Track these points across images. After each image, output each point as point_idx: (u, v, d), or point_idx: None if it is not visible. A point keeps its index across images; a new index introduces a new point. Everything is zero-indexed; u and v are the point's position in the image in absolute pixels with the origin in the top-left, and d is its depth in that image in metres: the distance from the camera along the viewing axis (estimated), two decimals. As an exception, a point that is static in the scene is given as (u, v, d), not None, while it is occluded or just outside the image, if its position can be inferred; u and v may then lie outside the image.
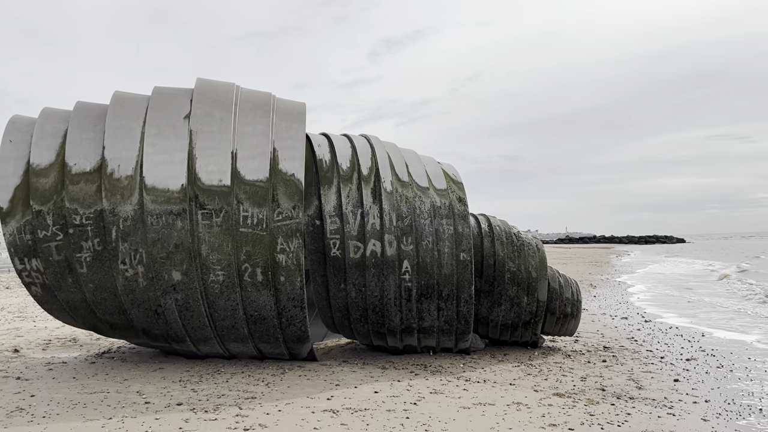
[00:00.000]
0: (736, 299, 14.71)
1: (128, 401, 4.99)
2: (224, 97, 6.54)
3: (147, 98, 6.48)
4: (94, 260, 6.00)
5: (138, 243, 5.93)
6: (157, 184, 5.98)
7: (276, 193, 6.12)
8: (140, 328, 6.31)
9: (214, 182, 6.05)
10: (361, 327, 6.77)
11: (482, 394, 5.34)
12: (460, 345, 6.94)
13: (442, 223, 6.70)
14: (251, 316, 6.19)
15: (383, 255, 6.47)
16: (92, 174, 6.06)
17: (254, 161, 6.21)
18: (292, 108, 6.79)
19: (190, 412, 4.68)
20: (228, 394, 5.20)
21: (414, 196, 6.74)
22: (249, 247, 6.01)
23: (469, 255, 6.65)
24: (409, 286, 6.52)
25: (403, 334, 6.76)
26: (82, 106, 6.50)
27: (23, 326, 9.54)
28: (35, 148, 6.19)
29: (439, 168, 7.21)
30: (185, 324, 6.19)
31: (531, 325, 7.26)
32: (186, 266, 5.96)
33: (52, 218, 6.00)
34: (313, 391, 5.36)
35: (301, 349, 6.58)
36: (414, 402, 5.04)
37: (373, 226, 6.51)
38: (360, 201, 6.58)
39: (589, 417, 4.71)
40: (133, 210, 5.94)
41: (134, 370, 6.19)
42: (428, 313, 6.64)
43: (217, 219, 6.00)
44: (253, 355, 6.66)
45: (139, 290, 6.03)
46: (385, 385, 5.59)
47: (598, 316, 11.11)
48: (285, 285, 6.08)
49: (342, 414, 4.68)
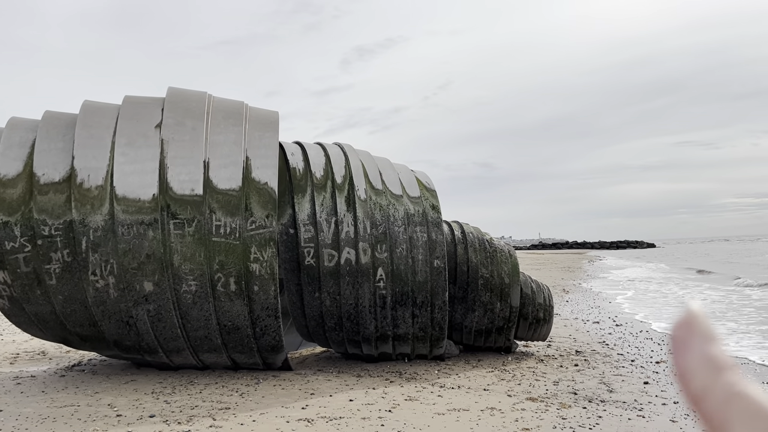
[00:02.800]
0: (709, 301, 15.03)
1: (99, 414, 4.91)
2: (196, 106, 6.51)
3: (117, 107, 6.42)
4: (63, 271, 5.90)
5: (109, 254, 5.86)
6: (128, 193, 5.93)
7: (249, 202, 6.11)
8: (111, 340, 6.23)
9: (186, 191, 6.01)
10: (335, 335, 6.77)
11: (457, 400, 5.38)
12: (435, 351, 6.98)
13: (416, 230, 6.75)
14: (225, 326, 6.15)
15: (358, 263, 6.48)
16: (61, 184, 5.97)
17: (226, 170, 6.19)
18: (264, 117, 6.79)
19: (163, 424, 4.63)
20: (201, 405, 5.16)
21: (388, 203, 6.78)
22: (222, 256, 5.98)
23: (442, 262, 6.70)
24: (384, 294, 6.54)
25: (377, 342, 6.78)
26: (50, 116, 6.42)
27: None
28: (2, 158, 6.08)
29: (412, 176, 7.27)
30: (157, 335, 6.13)
31: (504, 331, 7.33)
32: (158, 277, 5.90)
33: (19, 229, 5.89)
34: (288, 401, 5.34)
35: (275, 359, 6.55)
36: (389, 409, 5.06)
37: (348, 234, 6.53)
38: (334, 209, 6.60)
39: (561, 421, 4.78)
40: (104, 220, 5.87)
41: (105, 383, 6.09)
42: (403, 320, 6.67)
43: (190, 228, 5.96)
44: (227, 365, 6.61)
45: (110, 301, 5.95)
46: (360, 393, 5.60)
47: (571, 320, 11.26)
48: (259, 294, 6.06)
49: (317, 423, 4.67)
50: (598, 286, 20.90)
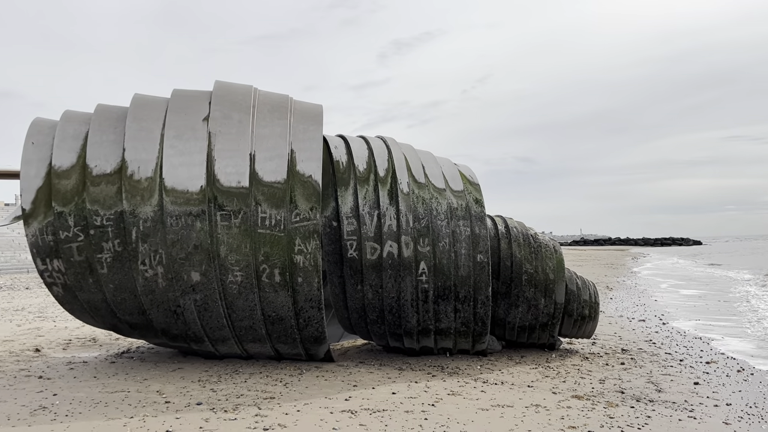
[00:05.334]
0: (763, 302, 14.52)
1: (149, 400, 5.04)
2: (242, 99, 6.58)
3: (166, 101, 6.54)
4: (114, 261, 6.06)
5: (158, 244, 5.98)
6: (177, 185, 6.03)
7: (294, 195, 6.15)
8: (159, 329, 6.37)
9: (233, 184, 6.09)
10: (377, 328, 6.78)
11: (500, 396, 5.33)
12: (477, 347, 6.93)
13: (459, 224, 6.70)
14: (269, 316, 6.23)
15: (400, 256, 6.47)
16: (113, 176, 6.12)
17: (272, 163, 6.24)
18: (309, 110, 6.82)
19: (209, 411, 4.72)
20: (247, 394, 5.24)
21: (430, 197, 6.74)
22: (267, 248, 6.04)
23: (486, 256, 6.63)
24: (426, 288, 6.52)
25: (419, 336, 6.76)
26: (102, 109, 6.58)
27: (44, 326, 9.66)
28: (57, 150, 6.27)
29: (455, 169, 7.21)
30: (204, 324, 6.24)
31: (548, 327, 7.23)
32: (205, 267, 6.00)
33: (73, 219, 6.06)
34: (331, 392, 5.37)
35: (318, 350, 6.61)
36: (432, 403, 5.04)
37: (390, 227, 6.52)
38: (377, 202, 6.60)
39: (608, 420, 4.68)
40: (153, 211, 6.00)
41: (154, 370, 6.25)
42: (445, 314, 6.64)
43: (236, 220, 6.04)
44: (271, 355, 6.69)
45: (158, 291, 6.09)
46: (403, 387, 5.59)
47: (615, 318, 11.03)
48: (302, 286, 6.11)
49: (360, 415, 4.69)
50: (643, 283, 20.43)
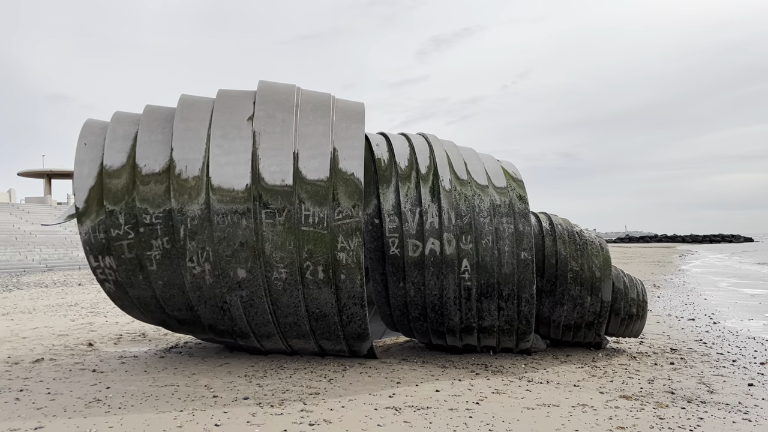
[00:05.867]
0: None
1: (197, 395, 5.15)
2: (286, 99, 6.66)
3: (212, 101, 6.67)
4: (163, 258, 6.22)
5: (205, 241, 6.11)
6: (223, 184, 6.15)
7: (336, 193, 6.20)
8: (207, 324, 6.51)
9: (277, 182, 6.17)
10: (420, 325, 6.78)
11: (546, 395, 5.26)
12: (521, 345, 6.85)
13: (502, 221, 6.63)
14: (313, 313, 6.29)
15: (442, 254, 6.45)
16: (161, 175, 6.27)
17: (315, 161, 6.30)
18: (351, 108, 6.85)
19: (256, 406, 4.80)
20: (292, 390, 5.31)
21: (473, 194, 6.70)
22: (310, 245, 6.10)
23: (530, 254, 6.55)
24: (469, 285, 6.48)
25: (462, 334, 6.73)
26: (151, 110, 6.75)
27: (96, 321, 9.99)
28: (108, 150, 6.46)
29: (498, 166, 7.14)
30: (249, 320, 6.35)
31: (594, 326, 7.10)
32: (250, 264, 6.10)
33: (124, 217, 6.24)
34: (375, 388, 5.40)
35: (361, 347, 6.65)
36: (476, 401, 5.02)
37: (432, 224, 6.50)
38: (418, 200, 6.59)
39: (658, 420, 4.57)
40: (200, 209, 6.12)
41: (201, 365, 6.39)
42: (488, 312, 6.59)
43: (280, 218, 6.12)
44: (315, 351, 6.77)
45: (205, 287, 6.22)
46: (446, 384, 5.58)
47: (663, 317, 10.76)
48: (345, 283, 6.15)
49: (404, 411, 4.70)
50: (692, 281, 19.86)
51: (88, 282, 19.79)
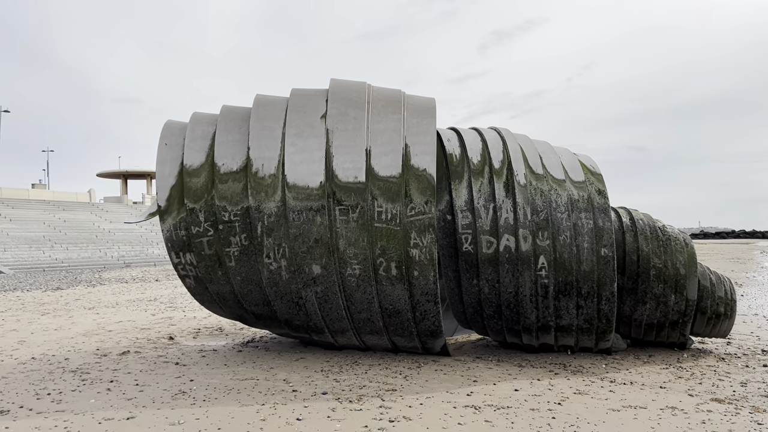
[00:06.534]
0: None
1: (277, 389, 5.24)
2: (357, 96, 6.68)
3: (286, 100, 6.77)
4: (241, 254, 6.36)
5: (281, 238, 6.21)
6: (298, 181, 6.22)
7: (408, 189, 6.17)
8: (283, 319, 6.62)
9: (350, 179, 6.19)
10: (494, 323, 6.67)
11: (631, 397, 5.06)
12: (601, 345, 6.63)
13: (581, 216, 6.43)
14: (386, 309, 6.29)
15: (518, 250, 6.31)
16: (239, 173, 6.41)
17: (387, 158, 6.29)
18: (422, 104, 6.80)
19: (335, 401, 4.83)
20: (369, 386, 5.32)
21: (549, 189, 6.52)
22: (383, 241, 6.10)
23: (610, 250, 6.32)
24: (546, 283, 6.31)
25: (539, 332, 6.57)
26: (227, 110, 6.92)
27: (175, 315, 10.37)
28: (188, 150, 6.66)
29: (575, 159, 6.92)
30: (324, 316, 6.42)
31: (679, 326, 6.78)
32: (325, 260, 6.16)
33: (203, 215, 6.42)
34: (452, 386, 5.34)
35: (434, 344, 6.60)
36: (558, 402, 4.88)
37: (507, 220, 6.38)
38: (492, 195, 6.47)
39: (757, 426, 4.31)
40: (276, 207, 6.23)
41: (278, 359, 6.50)
42: (566, 311, 6.40)
43: (354, 214, 6.14)
44: (388, 347, 6.77)
45: (282, 283, 6.32)
46: (525, 384, 5.46)
47: (750, 316, 10.18)
48: (419, 279, 6.11)
49: (484, 410, 4.62)
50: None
51: (164, 278, 20.60)
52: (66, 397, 5.01)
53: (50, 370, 6.06)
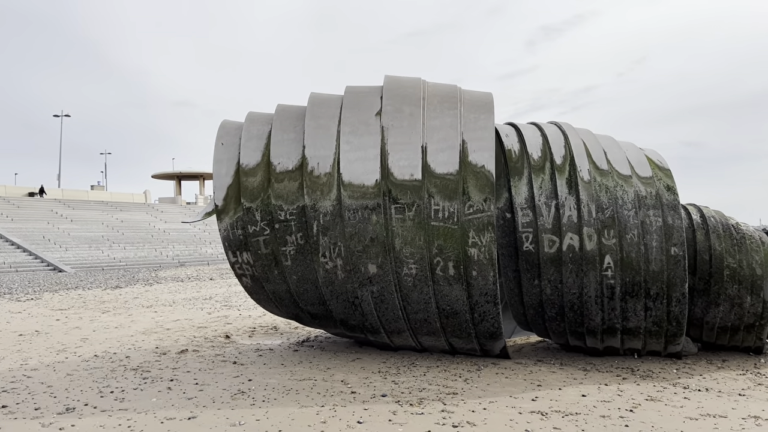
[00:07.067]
0: None
1: (335, 390, 5.16)
2: (412, 92, 6.55)
3: (340, 98, 6.69)
4: (297, 253, 6.32)
5: (337, 237, 6.13)
6: (353, 180, 6.14)
7: (466, 186, 6.00)
8: (338, 319, 6.55)
9: (406, 177, 6.07)
10: (556, 326, 6.43)
11: (708, 404, 4.76)
12: (670, 348, 6.31)
13: (649, 214, 6.12)
14: (443, 310, 6.14)
15: (582, 249, 6.06)
16: (294, 172, 6.37)
17: (444, 154, 6.13)
18: (479, 98, 6.62)
19: (395, 404, 4.72)
20: (429, 388, 5.18)
21: (615, 185, 6.24)
22: (440, 240, 5.95)
23: (681, 249, 6.00)
24: (612, 284, 6.04)
25: (604, 335, 6.30)
26: (282, 109, 6.89)
27: (230, 314, 10.47)
28: (244, 149, 6.66)
29: (641, 154, 6.61)
30: (380, 316, 6.31)
31: (755, 329, 6.39)
32: (381, 259, 6.05)
33: (260, 214, 6.41)
34: (515, 391, 5.15)
35: (493, 346, 6.41)
36: (629, 409, 4.63)
37: (570, 218, 6.13)
38: (554, 192, 6.23)
39: None
40: (332, 205, 6.16)
41: (335, 360, 6.43)
42: (634, 312, 6.11)
43: (410, 213, 6.02)
44: (444, 349, 6.62)
45: (337, 282, 6.25)
46: (592, 389, 5.22)
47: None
48: (477, 279, 5.94)
49: (552, 417, 4.42)
50: None
51: (218, 277, 20.96)
52: (128, 395, 5.06)
53: (112, 368, 6.16)
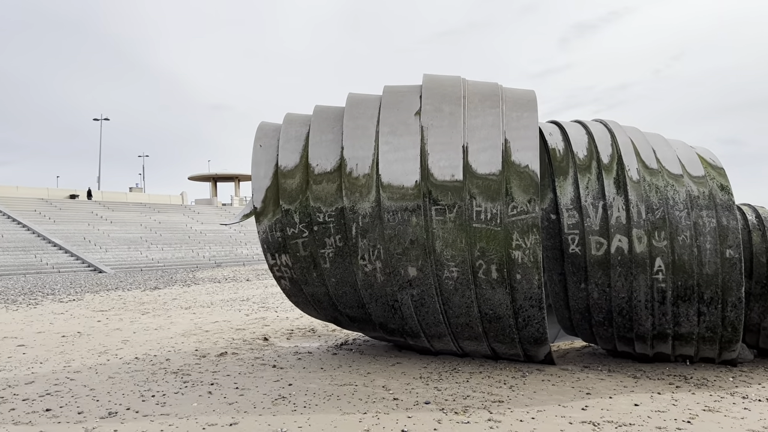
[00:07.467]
0: None
1: (377, 396, 5.05)
2: (452, 91, 6.40)
3: (379, 98, 6.58)
4: (336, 256, 6.23)
5: (376, 239, 6.02)
6: (393, 181, 6.02)
7: (509, 187, 5.82)
8: (378, 322, 6.44)
9: (447, 177, 5.92)
10: (603, 331, 6.20)
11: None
12: (725, 355, 6.02)
13: (702, 214, 5.85)
14: (486, 314, 5.98)
15: (631, 252, 5.82)
16: (333, 174, 6.29)
17: (485, 154, 5.97)
18: (521, 96, 6.43)
19: (440, 412, 4.58)
20: (473, 396, 5.03)
21: (665, 184, 5.98)
22: (483, 243, 5.79)
23: (736, 251, 5.72)
24: (663, 287, 5.79)
25: (654, 341, 6.05)
26: (320, 110, 6.82)
27: (268, 316, 10.46)
28: (282, 151, 6.60)
29: (692, 152, 6.34)
30: (420, 320, 6.18)
31: (817, 336, 6.05)
32: (421, 262, 5.92)
33: (298, 216, 6.34)
34: (563, 399, 4.96)
35: (537, 351, 6.21)
36: (687, 420, 4.40)
37: (618, 219, 5.90)
38: (601, 192, 6.01)
39: None
40: (371, 207, 6.05)
41: (374, 364, 6.32)
42: (686, 317, 5.85)
43: (451, 214, 5.87)
44: (487, 354, 6.45)
45: (377, 285, 6.14)
46: (645, 398, 4.99)
47: None
48: (521, 283, 5.76)
49: (604, 428, 4.22)
50: None
51: (255, 278, 21.09)
52: (169, 399, 5.03)
53: (153, 371, 6.16)
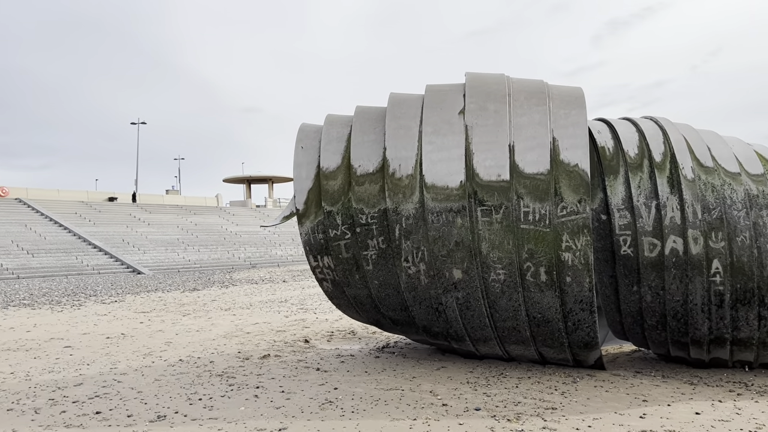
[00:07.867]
0: None
1: (425, 401, 4.94)
2: (496, 89, 6.26)
3: (421, 97, 6.48)
4: (379, 258, 6.15)
5: (420, 241, 5.92)
6: (437, 181, 5.91)
7: (558, 186, 5.66)
8: (421, 325, 6.34)
9: (493, 177, 5.79)
10: (657, 335, 5.98)
11: None
12: (788, 361, 5.74)
13: (762, 214, 5.60)
14: (534, 318, 5.82)
15: (686, 253, 5.60)
16: (375, 174, 6.21)
17: (533, 153, 5.82)
18: (568, 93, 6.25)
19: (491, 419, 4.45)
20: (524, 402, 4.88)
21: (722, 183, 5.74)
22: (531, 244, 5.64)
23: (801, 253, 5.44)
24: (721, 290, 5.55)
25: (711, 346, 5.80)
26: (361, 110, 6.74)
27: (307, 318, 10.44)
28: (324, 152, 6.55)
29: (750, 150, 6.07)
30: (465, 323, 6.05)
31: None
32: (466, 264, 5.80)
33: (341, 218, 6.28)
34: (619, 406, 4.78)
35: (588, 356, 6.03)
36: (753, 430, 4.19)
37: (673, 219, 5.68)
38: (654, 191, 5.80)
39: None
40: (415, 208, 5.95)
41: (419, 368, 6.22)
42: (746, 322, 5.59)
43: (497, 215, 5.73)
44: (534, 359, 6.28)
45: (420, 288, 6.04)
46: (705, 406, 4.77)
47: None
48: (571, 286, 5.59)
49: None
50: None
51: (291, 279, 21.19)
52: (216, 403, 5.01)
53: (198, 374, 6.17)
